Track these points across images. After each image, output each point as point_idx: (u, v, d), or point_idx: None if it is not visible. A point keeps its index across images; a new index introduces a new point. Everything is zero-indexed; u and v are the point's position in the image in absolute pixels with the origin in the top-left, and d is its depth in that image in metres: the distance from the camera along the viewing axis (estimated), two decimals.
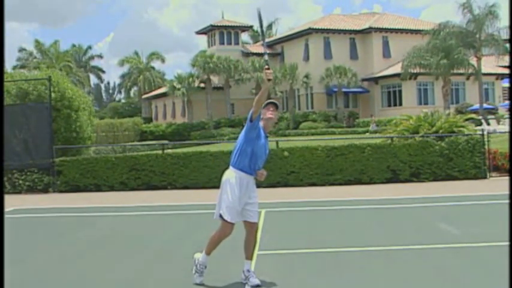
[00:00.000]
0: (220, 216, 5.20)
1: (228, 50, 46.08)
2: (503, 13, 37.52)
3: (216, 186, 5.40)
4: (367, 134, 31.32)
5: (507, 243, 5.69)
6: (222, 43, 47.35)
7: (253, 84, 43.41)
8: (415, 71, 37.09)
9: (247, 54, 46.79)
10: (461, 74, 37.78)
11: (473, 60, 35.82)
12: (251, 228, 5.26)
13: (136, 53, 64.50)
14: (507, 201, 8.47)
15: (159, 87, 57.78)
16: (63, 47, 64.46)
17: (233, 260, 5.91)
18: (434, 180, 13.84)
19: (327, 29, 44.28)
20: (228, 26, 47.87)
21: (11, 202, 12.23)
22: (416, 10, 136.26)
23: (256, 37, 61.18)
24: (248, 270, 5.26)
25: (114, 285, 5.64)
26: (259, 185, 5.42)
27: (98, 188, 14.36)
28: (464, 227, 8.00)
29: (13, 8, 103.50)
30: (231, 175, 5.18)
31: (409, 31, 44.37)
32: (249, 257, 5.31)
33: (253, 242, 5.31)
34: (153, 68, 64.79)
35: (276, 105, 5.30)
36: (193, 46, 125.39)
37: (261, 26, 5.16)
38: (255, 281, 5.18)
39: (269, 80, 4.95)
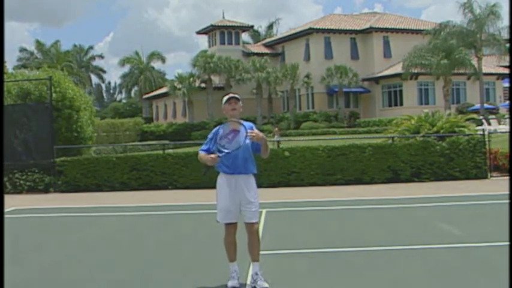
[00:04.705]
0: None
1: (228, 50, 46.08)
2: (504, 12, 37.47)
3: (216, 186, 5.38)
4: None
5: (507, 243, 5.69)
6: (222, 43, 47.35)
7: (253, 84, 43.43)
8: (415, 71, 37.10)
9: (247, 54, 46.81)
10: (462, 74, 37.80)
11: (474, 60, 35.81)
12: (249, 229, 5.18)
13: (136, 53, 64.54)
14: (508, 201, 8.47)
15: (160, 87, 57.82)
16: (63, 46, 64.59)
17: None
18: (435, 180, 13.83)
19: (327, 29, 44.28)
20: (229, 26, 47.88)
21: (12, 202, 12.25)
22: (417, 10, 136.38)
23: (257, 37, 61.23)
24: (256, 273, 5.18)
25: (115, 285, 5.65)
26: (259, 184, 5.41)
27: (98, 188, 14.37)
28: (465, 227, 8.00)
29: (13, 8, 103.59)
30: (218, 178, 5.27)
31: (410, 31, 44.37)
32: (254, 258, 5.22)
33: (255, 243, 5.20)
34: (153, 68, 64.83)
35: (236, 99, 5.17)
36: (193, 46, 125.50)
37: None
38: (263, 284, 5.10)
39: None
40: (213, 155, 5.08)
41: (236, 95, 5.25)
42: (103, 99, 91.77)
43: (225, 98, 5.21)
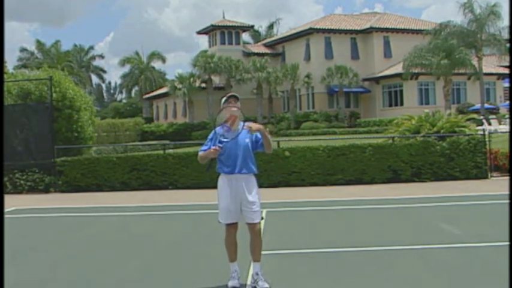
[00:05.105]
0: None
1: (229, 50, 46.06)
2: (505, 12, 37.41)
3: (217, 186, 5.39)
4: None
5: (507, 243, 5.69)
6: (223, 43, 47.34)
7: (254, 84, 43.42)
8: (416, 71, 37.08)
9: (248, 54, 46.79)
10: (462, 74, 37.76)
11: (474, 60, 35.79)
12: (251, 229, 5.19)
13: (137, 53, 64.55)
14: (508, 201, 8.46)
15: (160, 87, 57.82)
16: (63, 46, 64.59)
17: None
18: (436, 180, 13.84)
19: (328, 29, 44.26)
20: (229, 26, 47.87)
21: (13, 202, 12.26)
22: (418, 10, 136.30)
23: (257, 37, 61.23)
24: (257, 273, 5.18)
25: (115, 285, 5.65)
26: (260, 185, 5.41)
27: (99, 188, 14.37)
28: (465, 227, 8.00)
29: (13, 8, 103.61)
30: (219, 179, 5.30)
31: (410, 31, 44.35)
32: (256, 258, 5.21)
33: (257, 244, 5.20)
34: (153, 68, 64.84)
35: (236, 97, 5.23)
36: (193, 46, 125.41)
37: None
38: (264, 284, 5.10)
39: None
40: (214, 147, 5.09)
41: (235, 94, 5.29)
42: (103, 99, 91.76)
43: (224, 98, 5.25)
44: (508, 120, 28.62)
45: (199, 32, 50.75)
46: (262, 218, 5.31)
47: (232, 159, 5.14)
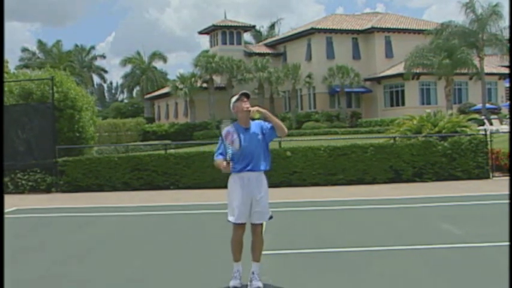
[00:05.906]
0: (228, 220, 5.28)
1: (230, 50, 46.06)
2: (507, 12, 37.25)
3: (218, 186, 5.42)
4: None
5: (508, 243, 5.68)
6: (224, 43, 47.34)
7: (255, 84, 43.40)
8: (417, 71, 37.05)
9: (249, 54, 46.80)
10: (464, 74, 37.73)
11: (475, 60, 35.76)
12: (254, 229, 5.23)
13: (138, 53, 64.62)
14: (509, 201, 8.45)
15: (162, 87, 57.85)
16: (65, 46, 64.67)
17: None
18: (437, 180, 13.82)
19: (329, 29, 44.26)
20: (231, 26, 47.87)
21: (14, 202, 12.27)
22: (419, 9, 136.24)
23: (259, 37, 61.22)
24: (253, 273, 5.20)
25: (116, 285, 5.65)
26: None
27: (100, 188, 14.37)
28: (466, 227, 7.98)
29: (14, 8, 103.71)
30: (230, 178, 5.29)
31: (412, 31, 44.32)
32: (255, 258, 5.24)
33: (258, 244, 5.22)
34: (155, 68, 64.87)
35: (247, 96, 5.25)
36: (195, 46, 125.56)
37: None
38: (257, 283, 5.13)
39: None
40: (225, 163, 5.14)
41: (247, 92, 5.28)
42: (105, 99, 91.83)
43: (236, 96, 5.23)
44: (509, 120, 28.60)
45: (200, 32, 50.77)
46: (271, 217, 5.34)
47: (247, 157, 5.15)
